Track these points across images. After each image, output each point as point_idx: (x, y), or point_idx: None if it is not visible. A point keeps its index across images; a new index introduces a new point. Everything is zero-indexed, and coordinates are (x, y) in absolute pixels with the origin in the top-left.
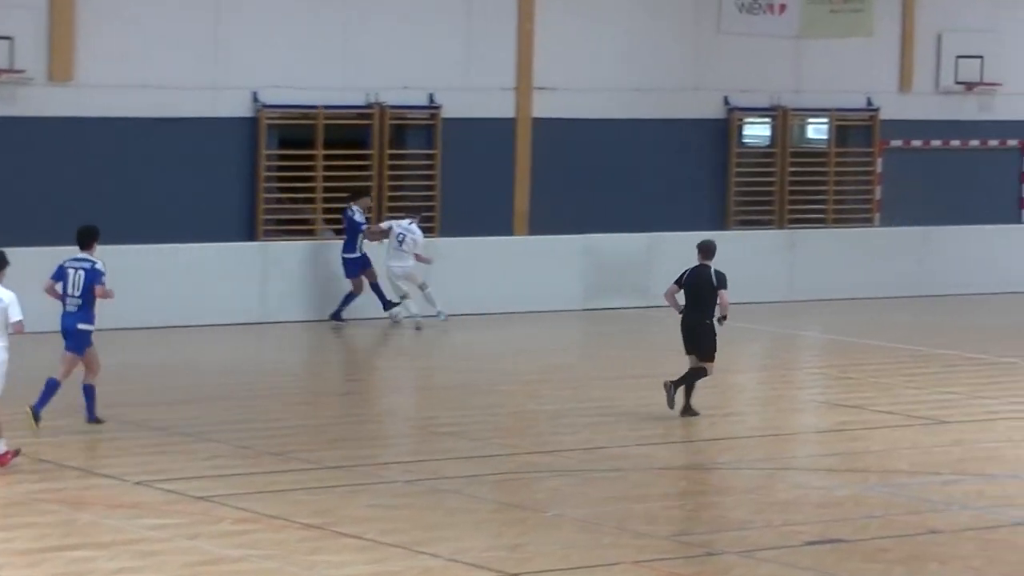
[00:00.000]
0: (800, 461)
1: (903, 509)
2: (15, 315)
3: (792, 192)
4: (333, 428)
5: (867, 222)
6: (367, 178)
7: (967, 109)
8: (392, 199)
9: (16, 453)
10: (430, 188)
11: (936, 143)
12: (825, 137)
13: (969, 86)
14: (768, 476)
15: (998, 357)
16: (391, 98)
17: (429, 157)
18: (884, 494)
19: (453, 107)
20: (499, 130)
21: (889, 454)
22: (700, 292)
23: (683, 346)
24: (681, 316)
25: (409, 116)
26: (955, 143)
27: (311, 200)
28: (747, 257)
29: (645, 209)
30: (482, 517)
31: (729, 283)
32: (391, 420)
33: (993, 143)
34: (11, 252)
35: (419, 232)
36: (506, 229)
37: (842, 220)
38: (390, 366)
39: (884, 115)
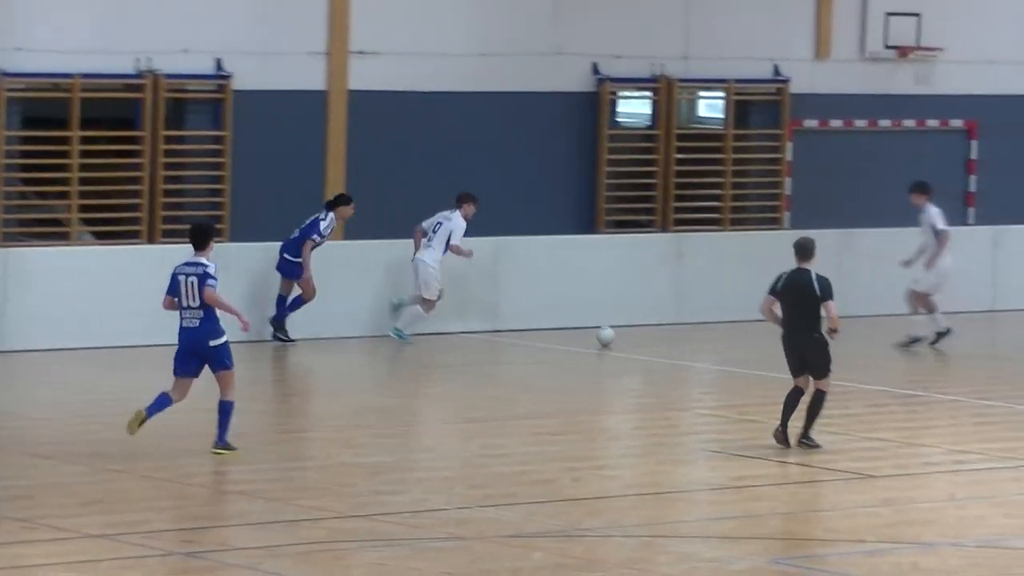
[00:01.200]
0: (688, 526)
1: None
2: None
3: (680, 186)
4: (91, 487)
5: (774, 223)
6: (137, 166)
7: (900, 80)
8: (169, 192)
9: None
10: (217, 179)
11: (861, 123)
12: (721, 116)
13: (903, 52)
14: (646, 545)
15: (937, 394)
16: (167, 64)
17: (217, 140)
18: (793, 568)
19: (247, 76)
20: (306, 105)
21: (800, 517)
22: (801, 302)
23: (788, 367)
24: (782, 333)
25: (191, 88)
26: (885, 123)
27: (65, 195)
28: (623, 268)
29: (492, 207)
30: None
31: (833, 290)
32: (164, 477)
33: (932, 123)
34: None
35: (459, 221)
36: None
37: (742, 221)
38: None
39: (795, 88)
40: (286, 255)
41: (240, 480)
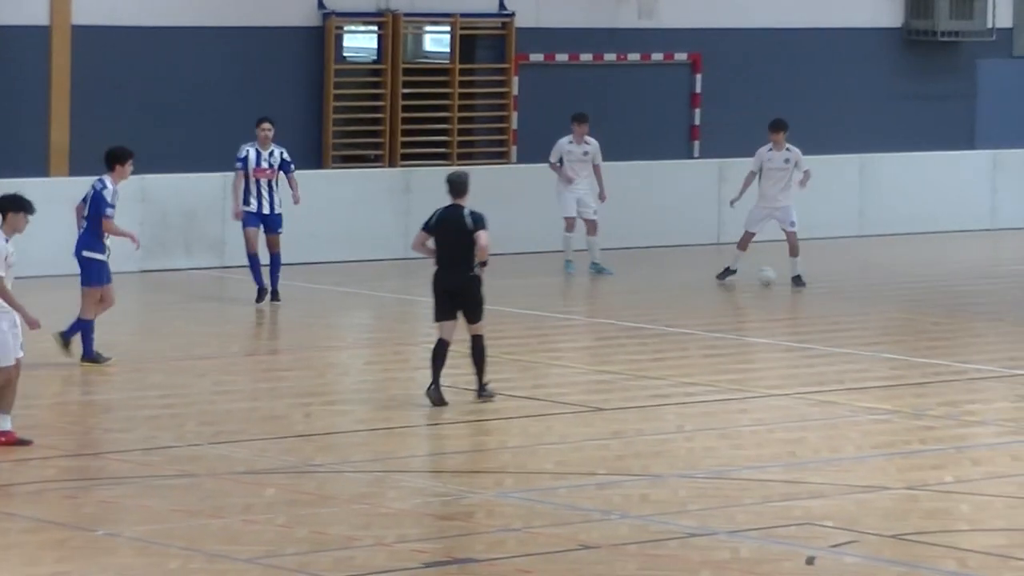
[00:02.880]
0: (419, 461)
1: (548, 520)
2: None
3: (406, 120)
4: None
5: (501, 158)
6: None
7: (625, 14)
8: None
9: (19, 441)
10: None
11: (586, 57)
12: (447, 50)
13: None
14: (378, 480)
15: (666, 327)
16: None
17: None
18: (524, 501)
19: None
20: (29, 41)
21: (531, 451)
22: (455, 239)
23: (435, 311)
24: (434, 271)
25: None
26: (610, 57)
27: None
28: (352, 202)
29: (220, 142)
30: (13, 539)
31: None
32: None
33: (657, 57)
34: None
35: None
36: (40, 169)
37: (470, 155)
38: None
39: (521, 22)
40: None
41: None
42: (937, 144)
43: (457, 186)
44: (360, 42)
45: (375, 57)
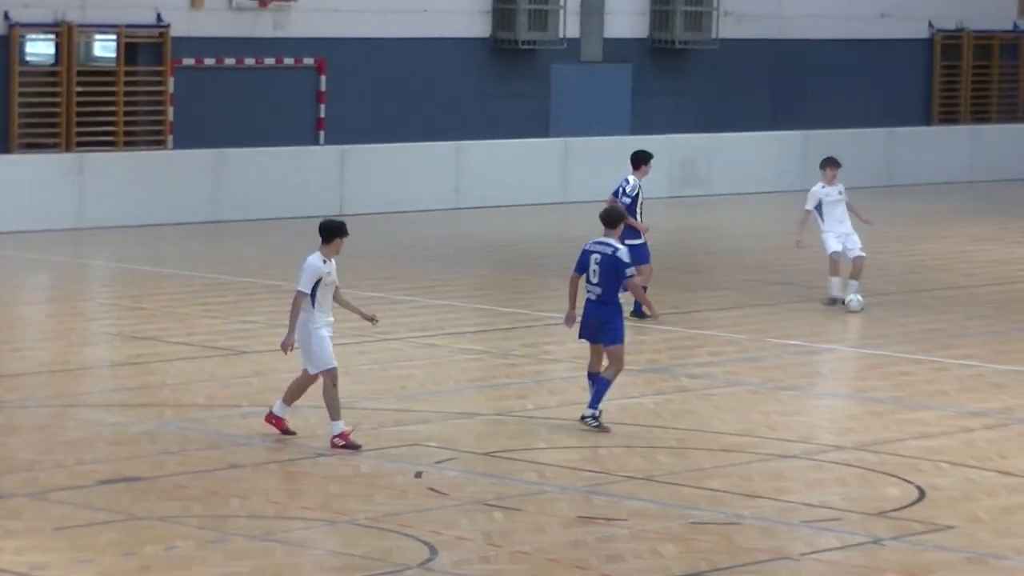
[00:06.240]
0: (92, 397)
1: (201, 444)
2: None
3: (80, 113)
4: None
5: (159, 144)
6: None
7: (262, 26)
8: None
9: (350, 443)
10: None
11: (230, 61)
12: (113, 55)
13: (263, 2)
14: (58, 414)
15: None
16: None
17: None
18: (181, 429)
19: None
20: None
21: (186, 387)
22: None
23: None
24: None
25: None
26: (250, 61)
27: None
28: (32, 182)
29: None
30: None
31: None
32: None
33: (289, 61)
34: None
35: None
36: None
37: (133, 143)
38: None
39: (175, 32)
40: None
41: None
42: (518, 133)
43: None
44: (40, 48)
45: (53, 61)
